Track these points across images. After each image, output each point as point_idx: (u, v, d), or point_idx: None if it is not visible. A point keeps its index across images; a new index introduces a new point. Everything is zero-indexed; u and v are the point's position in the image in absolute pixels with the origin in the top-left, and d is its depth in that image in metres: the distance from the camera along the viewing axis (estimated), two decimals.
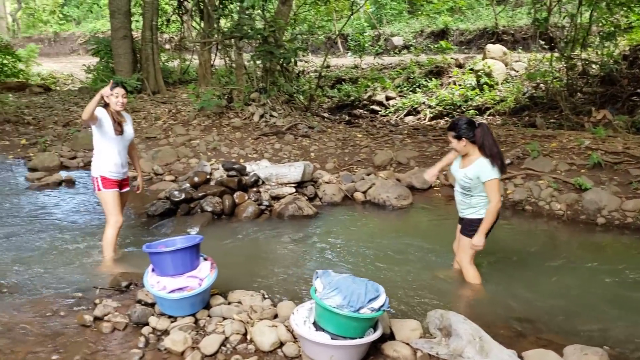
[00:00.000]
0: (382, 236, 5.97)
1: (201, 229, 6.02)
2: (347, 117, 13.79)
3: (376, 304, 3.44)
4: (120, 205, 5.17)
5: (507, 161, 7.92)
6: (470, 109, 15.28)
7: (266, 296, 4.32)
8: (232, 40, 11.44)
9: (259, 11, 11.08)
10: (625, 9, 12.56)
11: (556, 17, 15.70)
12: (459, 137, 4.44)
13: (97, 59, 16.33)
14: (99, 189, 4.97)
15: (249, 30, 10.14)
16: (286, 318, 3.92)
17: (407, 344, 3.66)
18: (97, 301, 4.27)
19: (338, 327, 3.41)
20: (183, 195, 6.49)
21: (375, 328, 3.54)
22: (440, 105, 15.80)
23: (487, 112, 15.08)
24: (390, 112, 16.28)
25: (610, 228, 6.29)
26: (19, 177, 8.26)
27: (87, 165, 8.78)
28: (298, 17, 14.67)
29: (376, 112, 16.46)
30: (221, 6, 13.75)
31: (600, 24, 13.24)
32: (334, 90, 17.62)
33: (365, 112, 16.07)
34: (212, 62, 14.84)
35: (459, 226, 4.84)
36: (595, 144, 8.26)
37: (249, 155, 8.94)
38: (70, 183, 7.85)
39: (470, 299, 4.69)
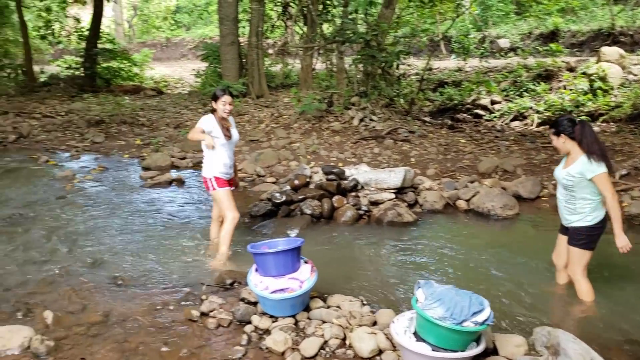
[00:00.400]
0: (485, 247, 5.76)
1: (300, 232, 6.11)
2: (449, 122, 13.46)
3: (480, 318, 3.32)
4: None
5: (624, 172, 7.42)
6: (581, 115, 14.43)
7: (365, 302, 4.31)
8: (334, 45, 11.55)
9: (362, 15, 11.09)
10: None
11: None
12: (557, 134, 4.32)
13: (205, 64, 17.16)
14: (214, 189, 5.24)
15: (352, 35, 10.18)
16: (385, 326, 3.89)
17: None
18: (203, 297, 4.45)
19: (439, 339, 3.33)
20: (284, 197, 6.62)
21: (478, 342, 3.42)
22: (549, 111, 15.02)
23: (601, 119, 14.17)
24: (495, 117, 15.72)
25: None
26: (133, 176, 8.80)
27: (195, 166, 9.19)
28: (401, 20, 14.55)
29: (480, 116, 15.96)
30: (324, 11, 13.94)
31: None
32: (436, 94, 17.29)
33: (468, 116, 15.60)
34: (313, 67, 15.06)
35: (560, 236, 4.60)
36: None
37: (348, 159, 8.97)
38: (180, 182, 8.24)
39: (580, 316, 4.42)
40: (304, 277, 4.14)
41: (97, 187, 8.04)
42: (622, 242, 4.15)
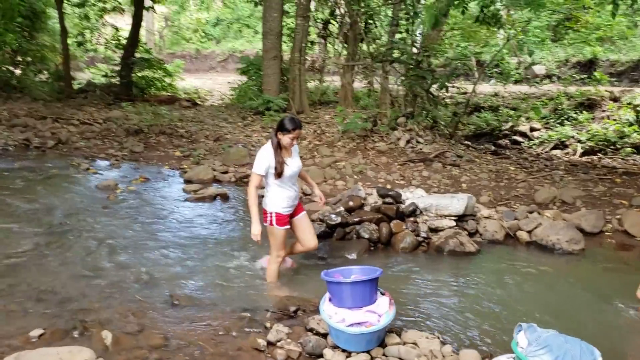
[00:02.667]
0: (556, 283, 5.44)
1: (358, 257, 5.84)
2: (493, 147, 13.15)
3: None
4: (306, 230, 5.12)
5: None
6: (626, 147, 14.04)
7: (441, 339, 4.01)
8: (380, 64, 11.34)
9: (413, 35, 10.88)
10: None
11: None
12: None
13: (239, 77, 17.06)
14: (271, 224, 4.83)
15: (402, 54, 9.96)
16: None
17: None
18: (267, 325, 4.19)
19: None
20: (339, 219, 6.35)
21: None
22: (592, 141, 14.66)
23: None
24: (534, 144, 15.39)
25: None
26: (174, 187, 8.61)
27: (238, 181, 8.98)
28: (443, 42, 14.34)
29: (518, 143, 15.63)
30: (366, 30, 13.77)
31: None
32: (473, 118, 16.99)
33: (508, 142, 15.28)
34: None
35: None
36: None
37: (396, 182, 8.69)
38: (225, 198, 8.01)
39: None
40: (382, 311, 3.85)
41: (140, 198, 7.85)
42: None
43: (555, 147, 15.14)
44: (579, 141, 14.88)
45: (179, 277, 5.25)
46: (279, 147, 4.71)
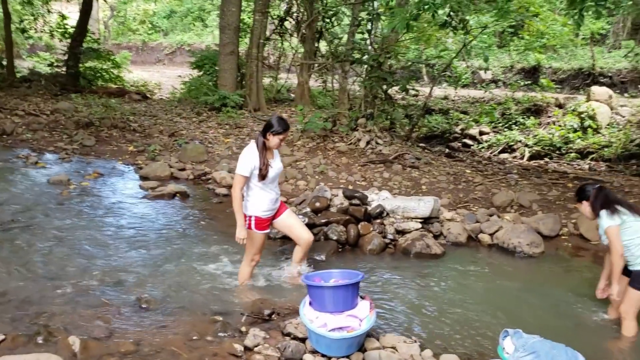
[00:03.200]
0: (522, 285, 5.57)
1: (327, 258, 5.81)
2: (447, 150, 13.39)
3: None
4: (297, 226, 5.01)
5: None
6: (571, 152, 14.60)
7: (419, 343, 4.00)
8: (339, 64, 11.33)
9: (372, 37, 10.91)
10: None
11: None
12: (579, 200, 4.70)
13: (188, 71, 16.70)
14: (250, 228, 4.68)
15: (363, 55, 9.97)
16: None
17: None
18: (242, 329, 4.08)
19: None
20: (306, 220, 6.28)
21: None
22: (539, 145, 15.17)
23: (590, 157, 14.34)
24: (483, 148, 15.79)
25: None
26: (130, 184, 8.33)
27: (197, 178, 8.79)
28: (400, 44, 14.46)
29: (468, 145, 16.00)
30: (325, 29, 13.77)
31: None
32: (425, 120, 17.26)
33: (460, 145, 15.63)
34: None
35: (622, 276, 4.52)
36: None
37: (358, 183, 8.70)
38: (184, 195, 7.80)
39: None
40: (363, 315, 3.82)
41: (96, 194, 7.55)
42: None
43: (503, 151, 15.59)
44: (527, 145, 15.37)
45: (144, 278, 5.07)
46: (264, 149, 4.58)
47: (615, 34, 24.96)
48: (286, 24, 16.18)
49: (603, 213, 4.42)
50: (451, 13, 8.34)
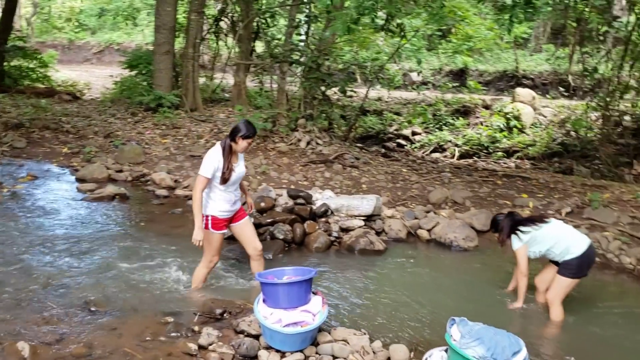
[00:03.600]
0: (463, 277, 5.91)
1: (274, 257, 5.90)
2: (383, 150, 13.76)
3: (518, 358, 3.31)
4: (250, 234, 4.96)
5: (568, 209, 7.86)
6: (498, 151, 15.33)
7: (369, 335, 4.16)
8: (278, 64, 11.42)
9: (311, 38, 11.07)
10: None
11: (579, 66, 15.96)
12: (494, 232, 5.14)
13: (118, 70, 16.27)
14: (207, 228, 4.65)
15: (301, 56, 10.10)
16: None
17: None
18: (195, 328, 4.12)
19: None
20: (252, 220, 6.33)
21: None
22: (468, 145, 15.85)
23: (515, 155, 15.11)
24: (415, 147, 16.30)
25: None
26: (67, 186, 8.10)
27: (135, 180, 8.65)
28: (335, 46, 14.71)
29: (402, 145, 16.48)
30: (262, 29, 13.81)
31: (636, 77, 13.34)
32: (360, 121, 17.61)
33: (395, 145, 16.07)
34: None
35: (550, 264, 5.04)
36: None
37: (300, 182, 8.82)
38: (124, 197, 7.67)
39: (554, 334, 4.80)
40: (316, 310, 3.95)
41: (31, 198, 7.30)
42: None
43: (434, 150, 16.18)
44: (456, 145, 16.02)
45: (90, 281, 4.98)
46: (230, 153, 4.60)
47: (536, 38, 26.30)
48: (221, 23, 16.11)
49: (512, 238, 4.87)
50: (388, 17, 8.62)
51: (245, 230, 4.93)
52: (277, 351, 3.83)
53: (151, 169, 9.13)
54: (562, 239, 4.79)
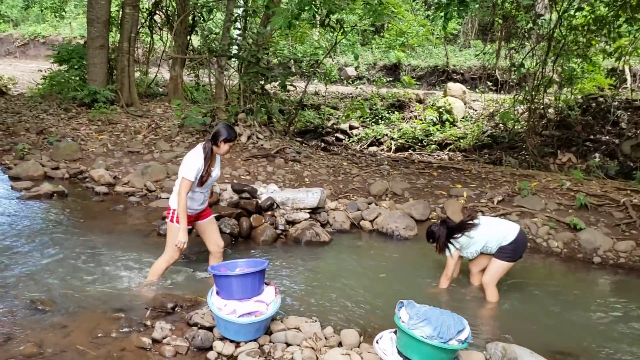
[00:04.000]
0: (404, 264, 6.14)
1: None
2: (322, 144, 13.94)
3: (462, 336, 3.54)
4: (214, 232, 5.07)
5: (499, 197, 8.28)
6: (431, 144, 15.83)
7: (319, 322, 4.30)
8: (216, 58, 11.37)
9: (248, 32, 11.08)
10: (581, 60, 13.51)
11: (506, 61, 16.75)
12: (431, 242, 5.38)
13: (46, 65, 15.64)
14: (172, 221, 4.69)
15: (240, 50, 10.10)
16: (352, 346, 3.95)
17: None
18: (147, 323, 4.14)
19: (426, 357, 3.49)
20: None
21: None
22: (403, 138, 16.27)
23: (448, 148, 15.66)
24: (353, 141, 16.60)
25: (605, 266, 6.68)
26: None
27: (72, 177, 8.44)
28: (272, 40, 14.75)
29: (340, 140, 16.73)
30: (199, 23, 13.68)
31: (559, 72, 14.13)
32: (299, 115, 17.74)
33: (333, 139, 16.30)
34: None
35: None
36: (575, 185, 8.78)
37: (242, 177, 8.85)
38: (62, 195, 7.47)
39: (492, 315, 5.10)
40: (270, 300, 4.06)
41: None
42: None
43: (371, 144, 16.52)
44: (392, 139, 16.42)
45: (36, 280, 4.88)
46: (211, 156, 4.65)
47: (465, 34, 27.24)
48: (156, 17, 15.82)
49: (448, 245, 5.20)
50: (328, 13, 8.78)
51: (209, 227, 5.05)
52: (232, 341, 3.92)
53: (89, 165, 8.92)
54: (493, 233, 5.11)
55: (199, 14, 14.53)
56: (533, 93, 13.39)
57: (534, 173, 10.10)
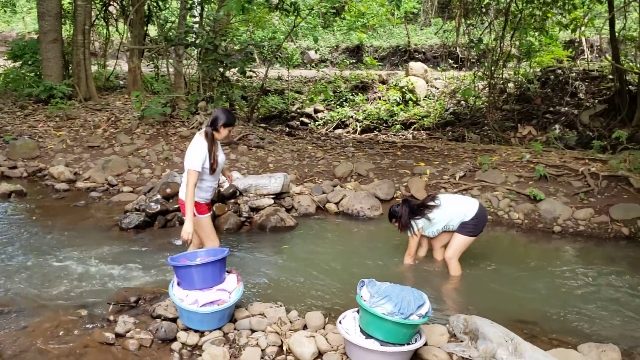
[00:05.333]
0: (370, 243, 6.18)
1: (184, 242, 5.86)
2: (287, 129, 13.90)
3: (422, 311, 3.59)
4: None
5: (461, 173, 8.39)
6: (396, 124, 15.91)
7: (285, 307, 4.31)
8: (173, 48, 11.20)
9: (205, 19, 10.92)
10: (538, 33, 13.71)
11: (465, 38, 16.88)
12: (394, 222, 5.38)
13: (2, 62, 15.23)
14: (194, 215, 4.58)
15: (197, 38, 9.97)
16: (317, 328, 3.99)
17: (439, 348, 3.83)
18: (110, 318, 4.10)
19: (388, 334, 3.52)
20: (159, 207, 6.31)
21: (419, 335, 3.68)
22: (368, 119, 16.32)
23: (412, 127, 15.76)
24: (319, 125, 16.58)
25: (565, 235, 6.85)
26: None
27: (31, 176, 8.28)
28: (231, 26, 14.58)
29: (306, 124, 16.70)
30: (154, 12, 13.42)
31: (517, 46, 14.33)
32: (262, 101, 17.62)
33: (298, 123, 16.26)
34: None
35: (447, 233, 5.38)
36: (535, 157, 8.94)
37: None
38: (21, 194, 7.32)
39: (456, 288, 5.18)
40: (232, 288, 4.05)
41: None
42: None
43: (337, 127, 16.53)
44: (357, 120, 16.46)
45: None
46: (212, 142, 4.59)
47: (425, 13, 27.31)
48: (110, 8, 15.49)
49: (411, 224, 5.23)
50: None
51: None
52: (196, 331, 3.91)
53: (48, 162, 8.76)
54: (454, 212, 5.17)
55: (155, 3, 14.26)
56: (492, 68, 13.56)
57: (495, 147, 10.25)
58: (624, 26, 14.02)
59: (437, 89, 17.77)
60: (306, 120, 17.04)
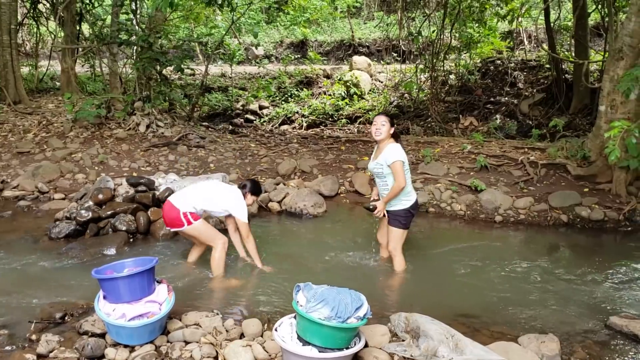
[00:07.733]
0: (312, 243, 6.06)
1: (118, 250, 5.60)
2: (230, 127, 13.61)
3: (361, 313, 3.48)
4: None
5: None
6: (342, 118, 15.85)
7: (221, 315, 4.14)
8: (106, 47, 10.75)
9: (139, 17, 10.53)
10: (477, 24, 13.90)
11: (406, 31, 16.96)
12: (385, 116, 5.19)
13: None
14: (190, 223, 4.82)
15: (130, 36, 9.58)
16: (254, 336, 3.83)
17: (380, 349, 3.73)
18: (32, 337, 3.82)
19: (326, 340, 3.39)
20: (90, 215, 5.99)
21: (359, 337, 3.57)
22: (314, 115, 16.20)
23: (358, 121, 15.73)
24: (264, 121, 16.35)
25: (507, 224, 6.92)
26: None
27: None
28: (169, 23, 14.15)
29: (251, 121, 16.43)
30: (85, 10, 12.87)
31: (457, 38, 14.46)
32: (205, 99, 17.24)
33: (242, 121, 15.98)
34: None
35: (383, 219, 5.16)
36: (476, 148, 9.02)
37: (142, 169, 8.47)
38: None
39: (400, 284, 5.11)
40: (162, 299, 3.84)
41: None
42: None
43: (283, 123, 16.33)
44: (303, 116, 16.31)
45: None
46: None
47: (368, 6, 27.38)
48: (40, 6, 14.78)
49: (399, 145, 4.98)
50: None
51: None
52: (126, 346, 3.69)
53: None
54: None
55: (87, 0, 13.68)
56: (434, 61, 13.64)
57: (437, 139, 10.30)
58: (558, 16, 14.37)
59: (381, 82, 17.81)
60: (251, 117, 16.77)
